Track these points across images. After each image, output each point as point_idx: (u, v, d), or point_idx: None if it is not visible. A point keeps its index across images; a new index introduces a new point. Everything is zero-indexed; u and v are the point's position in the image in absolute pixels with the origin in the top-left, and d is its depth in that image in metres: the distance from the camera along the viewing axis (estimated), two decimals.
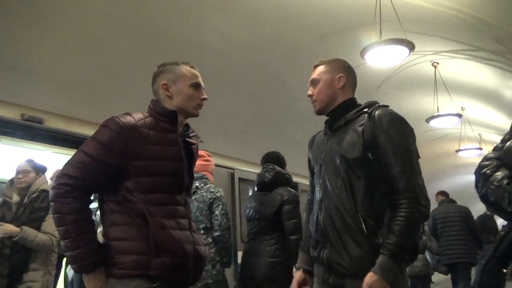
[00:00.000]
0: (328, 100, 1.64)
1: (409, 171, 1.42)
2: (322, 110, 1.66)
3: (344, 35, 5.32)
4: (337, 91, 1.64)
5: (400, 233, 1.36)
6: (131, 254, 1.36)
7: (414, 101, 7.87)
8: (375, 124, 1.49)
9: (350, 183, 1.49)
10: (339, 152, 1.54)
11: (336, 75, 1.65)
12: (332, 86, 1.64)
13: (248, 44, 5.43)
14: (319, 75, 1.67)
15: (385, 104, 1.59)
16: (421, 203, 1.40)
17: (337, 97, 1.64)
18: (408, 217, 1.38)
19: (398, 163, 1.43)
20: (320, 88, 1.64)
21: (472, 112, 8.73)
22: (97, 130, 1.46)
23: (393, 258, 1.35)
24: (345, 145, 1.53)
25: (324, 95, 1.64)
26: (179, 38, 4.96)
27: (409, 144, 1.47)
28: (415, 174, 1.43)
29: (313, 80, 1.68)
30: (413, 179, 1.42)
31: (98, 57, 4.73)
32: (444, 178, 15.31)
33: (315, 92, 1.66)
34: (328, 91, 1.64)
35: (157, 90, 1.58)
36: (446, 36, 5.54)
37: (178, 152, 1.51)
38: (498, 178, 0.90)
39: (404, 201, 1.40)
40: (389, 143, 1.45)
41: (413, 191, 1.40)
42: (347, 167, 1.50)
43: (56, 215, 1.35)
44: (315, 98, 1.66)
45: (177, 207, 1.48)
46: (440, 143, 10.82)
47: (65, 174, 1.37)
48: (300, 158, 2.76)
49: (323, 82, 1.65)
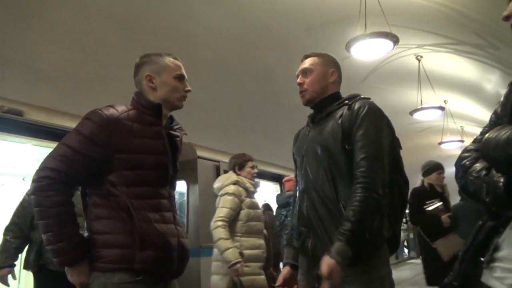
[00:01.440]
0: (320, 91, 1.64)
1: (372, 159, 1.44)
2: (312, 100, 1.66)
3: (330, 28, 5.33)
4: (329, 84, 1.65)
5: (354, 219, 1.37)
6: (115, 248, 1.35)
7: (398, 94, 7.97)
8: (353, 115, 1.51)
9: (331, 172, 1.50)
10: (320, 142, 1.56)
11: (330, 69, 1.67)
12: (326, 78, 1.65)
13: (235, 36, 5.40)
14: (313, 65, 1.66)
15: (366, 97, 1.61)
16: (375, 190, 1.41)
17: (328, 90, 1.65)
18: (361, 201, 1.38)
19: (363, 150, 1.45)
20: (314, 78, 1.64)
21: (454, 105, 8.88)
22: (79, 123, 1.43)
23: (348, 243, 1.36)
24: (325, 135, 1.55)
25: (317, 86, 1.64)
26: (165, 30, 4.90)
27: (379, 135, 1.48)
28: (378, 164, 1.44)
29: (305, 70, 1.67)
30: (373, 168, 1.43)
31: (81, 48, 4.64)
32: None
33: (307, 82, 1.65)
34: (322, 82, 1.64)
35: (140, 82, 1.55)
36: (429, 30, 5.60)
37: (162, 146, 1.49)
38: (477, 169, 0.92)
39: (359, 185, 1.41)
40: (360, 131, 1.47)
41: (370, 178, 1.41)
42: (328, 156, 1.52)
43: (37, 209, 1.33)
44: (307, 87, 1.64)
45: (161, 200, 1.47)
46: (423, 135, 11.00)
47: (47, 167, 1.35)
48: (286, 151, 2.76)
49: (317, 73, 1.65)
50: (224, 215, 2.87)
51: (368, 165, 1.43)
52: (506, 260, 0.87)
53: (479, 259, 0.94)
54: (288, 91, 7.25)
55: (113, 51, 4.88)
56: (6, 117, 3.48)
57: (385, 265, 1.49)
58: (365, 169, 1.43)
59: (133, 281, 1.34)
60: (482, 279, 0.93)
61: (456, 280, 0.99)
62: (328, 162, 1.51)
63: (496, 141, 0.82)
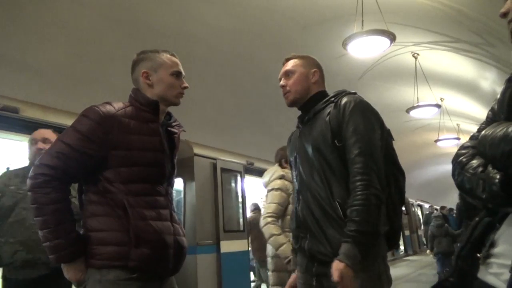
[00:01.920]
0: (302, 92, 1.66)
1: (365, 154, 1.44)
2: (295, 102, 1.68)
3: (327, 26, 5.33)
4: (311, 85, 1.67)
5: (359, 219, 1.37)
6: (110, 245, 1.35)
7: (395, 92, 7.98)
8: (340, 111, 1.52)
9: (324, 171, 1.50)
10: (310, 142, 1.57)
11: (311, 69, 1.68)
12: (307, 79, 1.67)
13: (232, 34, 5.39)
14: (294, 67, 1.68)
15: (352, 92, 1.62)
16: (374, 186, 1.40)
17: (310, 90, 1.67)
18: (363, 199, 1.38)
19: (356, 146, 1.45)
20: (296, 79, 1.66)
21: (450, 102, 8.91)
22: (76, 120, 1.43)
23: (356, 245, 1.36)
24: (314, 135, 1.56)
25: (300, 87, 1.66)
26: (162, 27, 4.88)
27: (370, 129, 1.48)
28: (372, 158, 1.44)
29: (287, 72, 1.68)
30: (368, 163, 1.43)
31: (76, 45, 4.61)
32: (423, 167, 15.67)
33: (289, 83, 1.66)
34: (304, 83, 1.66)
35: (137, 79, 1.55)
36: (426, 28, 5.61)
37: (159, 143, 1.49)
38: (474, 166, 0.92)
39: (358, 183, 1.41)
40: (350, 127, 1.47)
41: (367, 174, 1.41)
42: (319, 156, 1.52)
43: (34, 205, 1.32)
44: (289, 89, 1.66)
45: (158, 197, 1.46)
46: (420, 133, 11.04)
47: (44, 164, 1.34)
48: None
49: (299, 74, 1.67)
50: (273, 210, 2.82)
51: (363, 161, 1.43)
52: (502, 256, 0.88)
53: (476, 255, 0.95)
54: None
55: (109, 48, 4.86)
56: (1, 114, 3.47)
57: (383, 261, 1.49)
58: (361, 165, 1.43)
59: (128, 278, 1.34)
60: (479, 275, 0.93)
61: (452, 276, 1.00)
62: (320, 162, 1.52)
63: (492, 138, 0.82)
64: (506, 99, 0.92)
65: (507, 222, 0.89)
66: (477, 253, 0.95)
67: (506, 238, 0.87)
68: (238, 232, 5.67)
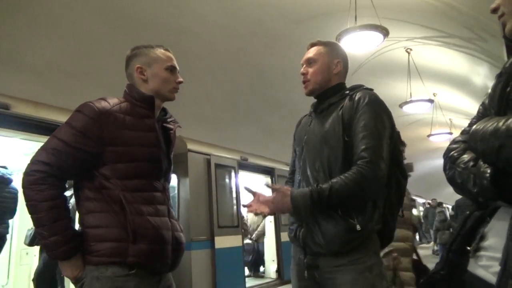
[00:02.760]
0: (322, 83, 1.61)
1: (373, 151, 1.41)
2: (314, 92, 1.63)
3: (320, 21, 5.32)
4: (333, 76, 1.62)
5: (342, 179, 1.38)
6: (108, 242, 1.34)
7: (388, 87, 8.01)
8: (353, 105, 1.50)
9: (329, 164, 1.49)
10: (320, 134, 1.55)
11: (334, 59, 1.62)
12: (329, 70, 1.60)
13: (226, 29, 5.36)
14: (317, 55, 1.61)
15: (369, 88, 1.58)
16: (379, 165, 1.38)
17: (331, 81, 1.62)
18: (358, 170, 1.38)
19: (363, 142, 1.42)
20: (317, 69, 1.60)
21: (443, 97, 8.96)
22: (71, 116, 1.41)
23: (313, 194, 1.38)
24: (326, 128, 1.54)
25: (320, 77, 1.59)
26: (155, 21, 4.85)
27: (380, 127, 1.46)
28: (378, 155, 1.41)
29: (310, 60, 1.62)
30: (376, 150, 1.41)
31: (68, 40, 4.57)
32: (416, 162, 15.72)
33: (310, 72, 1.60)
34: (325, 74, 1.59)
35: (131, 74, 1.54)
36: (419, 23, 5.63)
37: (155, 138, 1.48)
38: (465, 161, 0.93)
39: (362, 160, 1.39)
40: (361, 122, 1.45)
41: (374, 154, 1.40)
42: (327, 149, 1.51)
43: (29, 203, 1.31)
44: (309, 78, 1.60)
45: (155, 193, 1.46)
46: (413, 128, 11.10)
47: (39, 160, 1.33)
48: (277, 144, 2.78)
49: (321, 64, 1.60)
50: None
51: (369, 155, 1.41)
52: (492, 249, 0.89)
53: (466, 248, 0.97)
54: (279, 84, 7.27)
55: (102, 43, 4.82)
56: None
57: (375, 255, 1.50)
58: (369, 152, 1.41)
59: (127, 274, 1.34)
60: (469, 268, 0.95)
61: (443, 269, 1.01)
62: (327, 155, 1.50)
63: (483, 133, 0.83)
64: (496, 94, 0.93)
65: (498, 216, 0.90)
66: (467, 246, 0.96)
67: (496, 232, 0.89)
68: (233, 228, 5.68)
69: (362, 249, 1.45)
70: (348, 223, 1.42)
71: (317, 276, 1.50)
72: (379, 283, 1.46)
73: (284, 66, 6.12)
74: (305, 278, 1.53)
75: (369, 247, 1.48)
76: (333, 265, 1.45)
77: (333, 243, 1.43)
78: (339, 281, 1.44)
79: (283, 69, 6.25)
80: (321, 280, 1.49)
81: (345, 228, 1.42)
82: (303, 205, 1.40)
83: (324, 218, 1.46)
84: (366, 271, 1.44)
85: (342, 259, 1.44)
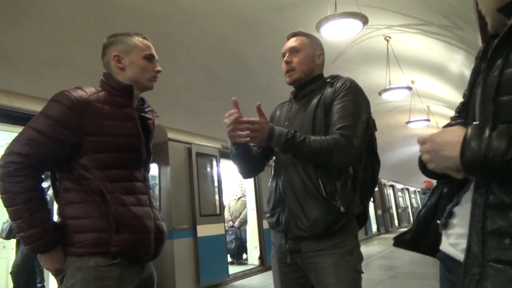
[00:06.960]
0: (308, 72, 1.64)
1: (350, 124, 1.45)
2: (298, 81, 1.65)
3: (301, 8, 5.31)
4: (315, 66, 1.66)
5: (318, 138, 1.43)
6: (90, 232, 1.33)
7: (367, 75, 8.10)
8: (334, 92, 1.54)
9: None
10: (302, 119, 1.57)
11: (316, 51, 1.67)
12: (313, 60, 1.64)
13: (206, 16, 5.29)
14: (302, 45, 1.64)
15: (348, 77, 1.62)
16: (352, 141, 1.42)
17: (314, 71, 1.66)
18: (333, 138, 1.43)
19: (340, 121, 1.47)
20: (303, 58, 1.63)
21: (421, 85, 9.12)
22: (46, 105, 1.37)
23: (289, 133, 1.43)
24: (307, 113, 1.57)
25: (306, 67, 1.62)
26: (133, 9, 4.73)
27: (357, 110, 1.50)
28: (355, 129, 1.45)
29: (294, 48, 1.64)
30: (351, 129, 1.45)
31: (42, 27, 4.42)
32: (395, 148, 16.09)
33: (295, 61, 1.62)
34: (310, 63, 1.63)
35: (108, 62, 1.50)
36: (398, 11, 5.68)
37: (135, 128, 1.46)
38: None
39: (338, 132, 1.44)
40: (340, 104, 1.50)
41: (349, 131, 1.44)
42: (309, 133, 1.52)
43: (5, 195, 1.27)
44: (295, 67, 1.62)
45: (136, 183, 1.45)
46: (391, 115, 11.29)
47: (14, 152, 1.29)
48: None
49: (306, 53, 1.63)
50: None
51: (345, 131, 1.45)
52: (459, 226, 0.94)
53: (431, 219, 1.06)
54: (259, 72, 7.25)
55: (77, 30, 4.68)
56: None
57: (354, 238, 1.54)
58: (345, 130, 1.45)
59: (110, 264, 1.33)
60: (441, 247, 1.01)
61: (408, 233, 1.10)
62: None
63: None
64: (473, 74, 0.96)
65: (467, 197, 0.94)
66: (431, 216, 1.05)
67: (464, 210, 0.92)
68: (215, 216, 5.70)
69: (344, 232, 1.48)
70: (331, 205, 1.45)
71: (299, 261, 1.52)
72: (359, 266, 1.50)
73: (265, 53, 6.09)
74: (287, 263, 1.55)
75: (350, 230, 1.52)
76: (316, 249, 1.47)
77: (317, 226, 1.45)
78: (321, 265, 1.47)
79: (264, 56, 6.23)
80: (303, 265, 1.52)
81: (329, 210, 1.45)
82: (277, 138, 1.44)
83: (309, 201, 1.47)
84: (347, 254, 1.48)
85: (325, 243, 1.46)
